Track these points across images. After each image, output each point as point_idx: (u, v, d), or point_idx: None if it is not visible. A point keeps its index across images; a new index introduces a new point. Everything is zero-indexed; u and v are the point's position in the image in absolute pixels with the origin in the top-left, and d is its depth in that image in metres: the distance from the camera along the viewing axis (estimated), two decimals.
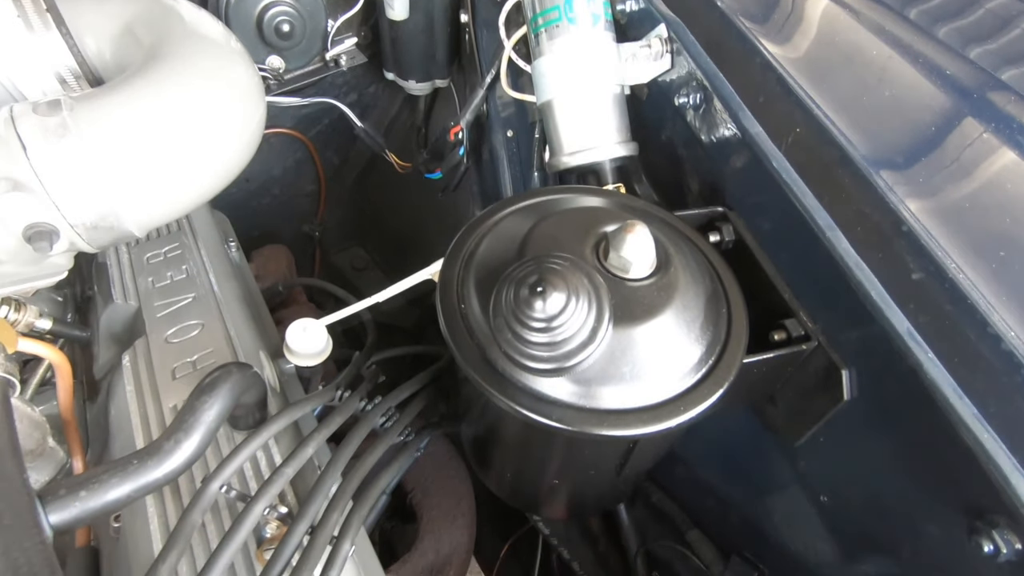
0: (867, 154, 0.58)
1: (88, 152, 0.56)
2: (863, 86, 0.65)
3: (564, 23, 0.72)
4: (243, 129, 0.69)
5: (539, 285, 0.41)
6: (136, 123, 0.59)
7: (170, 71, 0.63)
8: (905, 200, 0.54)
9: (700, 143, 0.68)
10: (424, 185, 1.31)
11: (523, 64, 0.89)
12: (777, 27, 0.69)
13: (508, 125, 1.03)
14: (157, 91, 0.61)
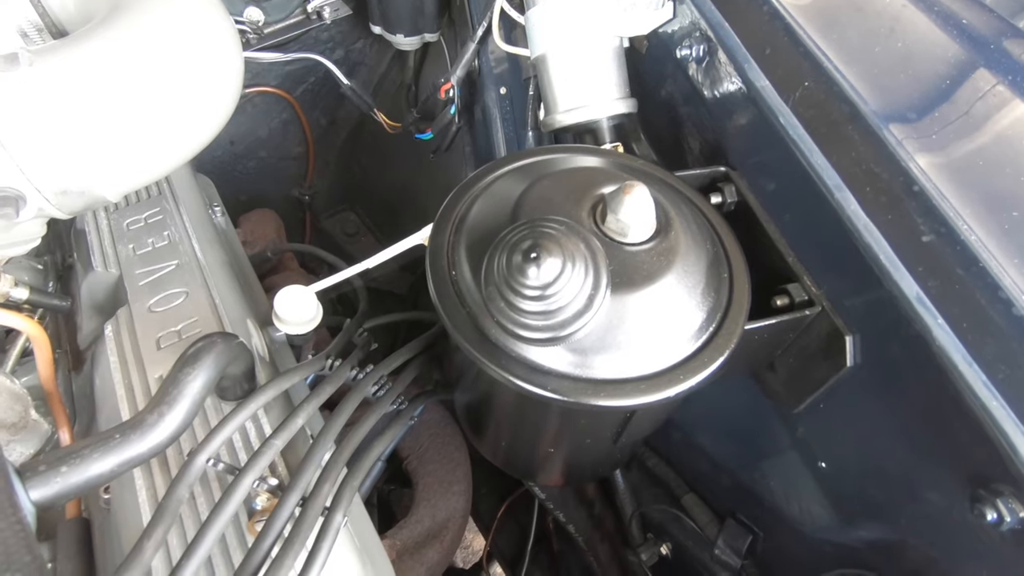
0: (878, 109, 0.55)
1: (51, 110, 0.52)
2: (875, 36, 0.61)
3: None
4: (219, 82, 0.65)
5: (533, 251, 0.38)
6: (102, 77, 0.55)
7: (136, 20, 0.58)
8: (917, 158, 0.52)
9: (703, 99, 0.65)
10: (415, 146, 1.27)
11: (516, 15, 0.84)
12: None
13: (501, 82, 0.98)
14: (123, 41, 0.57)
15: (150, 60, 0.58)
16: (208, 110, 0.63)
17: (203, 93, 0.62)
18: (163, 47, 0.58)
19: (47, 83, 0.52)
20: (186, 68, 0.60)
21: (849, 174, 0.53)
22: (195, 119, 0.62)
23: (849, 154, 0.54)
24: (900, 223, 0.50)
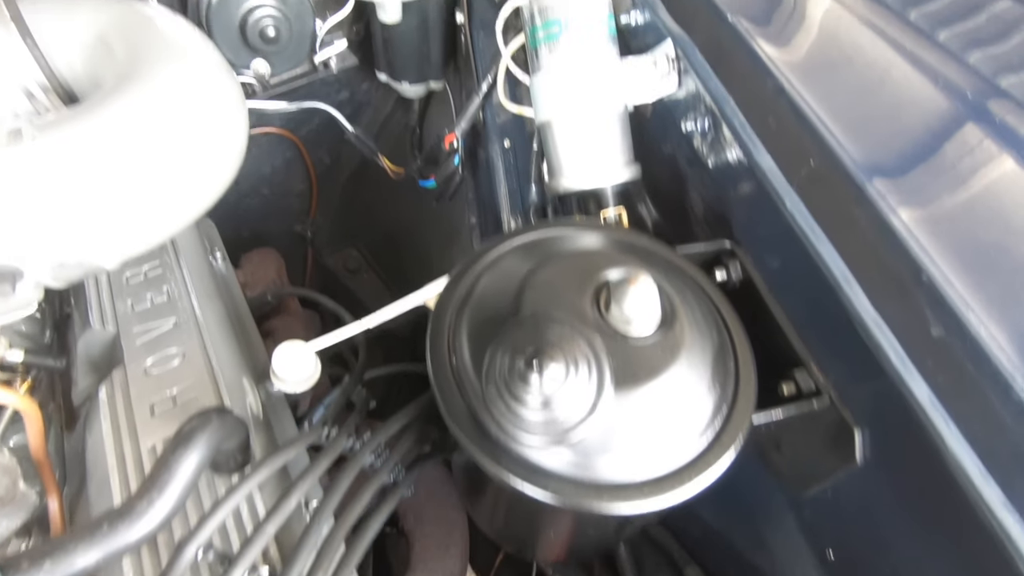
0: (887, 192, 0.54)
1: (54, 187, 0.52)
2: (886, 116, 0.61)
3: (565, 38, 0.68)
4: (224, 151, 0.65)
5: (535, 358, 0.37)
6: (106, 154, 0.55)
7: (142, 95, 0.58)
8: (927, 246, 0.51)
9: (707, 169, 0.65)
10: (418, 189, 1.27)
11: (521, 75, 0.84)
12: (792, 46, 0.65)
13: (505, 134, 0.98)
14: (128, 119, 0.57)
15: (157, 137, 0.58)
16: (212, 178, 0.63)
17: (208, 163, 0.62)
18: (170, 124, 0.58)
19: (50, 160, 0.52)
20: (192, 141, 0.60)
21: (856, 260, 0.52)
22: (198, 188, 0.62)
23: (856, 238, 0.53)
24: (908, 314, 0.49)
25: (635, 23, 0.72)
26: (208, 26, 0.85)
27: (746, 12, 0.66)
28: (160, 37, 0.66)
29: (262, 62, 0.91)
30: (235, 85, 0.70)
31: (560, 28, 0.68)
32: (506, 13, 0.88)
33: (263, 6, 0.86)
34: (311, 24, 0.92)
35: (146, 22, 0.67)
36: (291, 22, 0.89)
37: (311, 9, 0.90)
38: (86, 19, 0.68)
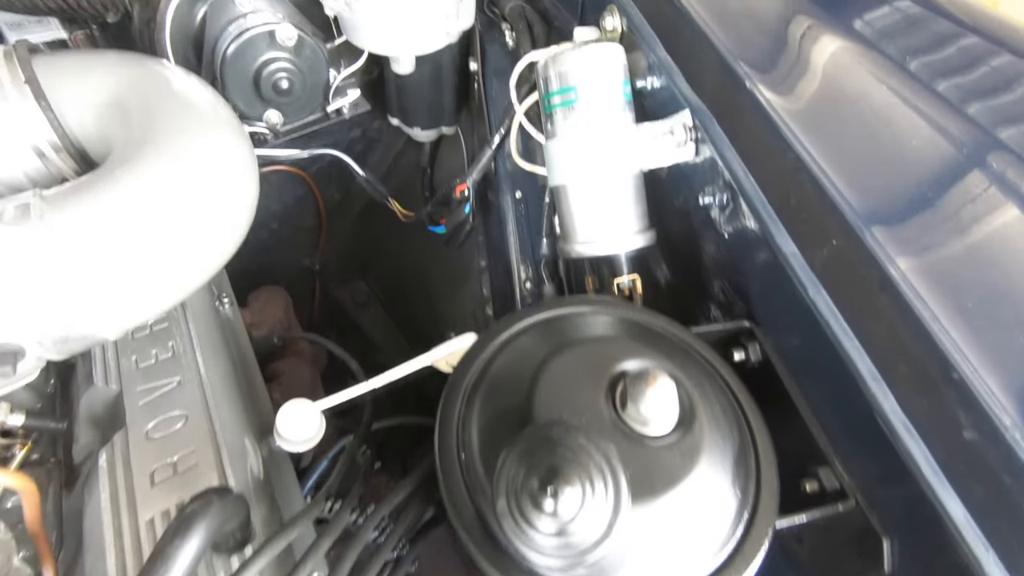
0: (913, 278, 0.53)
1: (61, 263, 0.51)
2: (915, 195, 0.59)
3: (581, 105, 0.67)
4: (231, 222, 0.64)
5: (551, 483, 0.36)
6: (114, 234, 0.54)
7: (153, 169, 0.58)
8: (958, 340, 0.49)
9: (724, 241, 0.63)
10: (428, 231, 1.26)
11: (535, 132, 0.83)
12: (815, 118, 0.63)
13: (516, 185, 0.98)
14: (137, 197, 0.56)
15: (167, 211, 0.57)
16: (219, 246, 0.63)
17: (216, 232, 0.62)
18: (181, 198, 0.58)
19: (57, 241, 0.51)
20: (202, 213, 0.59)
21: (881, 352, 0.50)
22: (205, 257, 0.61)
23: (881, 328, 0.51)
24: (938, 415, 0.47)
25: (651, 87, 0.71)
26: (222, 79, 0.85)
27: (766, 80, 0.65)
28: (172, 101, 0.65)
29: (275, 113, 0.91)
30: (247, 151, 0.70)
31: (576, 95, 0.67)
32: (520, 67, 0.87)
33: (277, 60, 0.86)
34: (325, 75, 0.92)
35: (160, 85, 0.67)
36: (305, 75, 0.89)
37: (325, 61, 0.90)
38: (101, 80, 0.68)
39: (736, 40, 0.68)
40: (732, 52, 0.66)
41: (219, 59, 0.84)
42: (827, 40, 0.72)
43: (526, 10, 1.02)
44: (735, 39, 0.69)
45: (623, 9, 0.77)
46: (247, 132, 0.75)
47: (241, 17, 0.84)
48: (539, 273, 0.97)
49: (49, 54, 0.71)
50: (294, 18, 0.88)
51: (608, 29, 0.80)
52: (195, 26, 0.87)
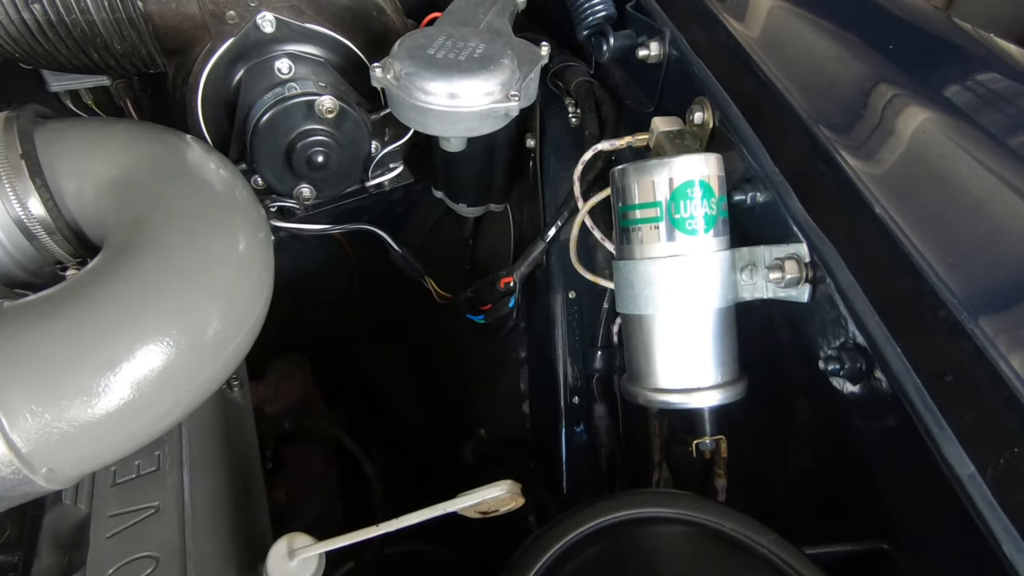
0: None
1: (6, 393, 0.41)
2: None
3: (666, 226, 0.54)
4: (234, 337, 0.53)
5: None
6: (73, 366, 0.43)
7: (136, 278, 0.47)
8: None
9: (851, 427, 0.48)
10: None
11: (601, 237, 0.71)
12: (981, 275, 0.49)
13: (571, 284, 0.85)
14: (109, 320, 0.45)
15: (150, 335, 0.47)
16: (215, 373, 0.52)
17: (214, 358, 0.51)
18: (170, 318, 0.47)
19: (9, 359, 0.41)
20: (198, 336, 0.48)
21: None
22: (192, 391, 0.50)
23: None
24: None
25: (751, 202, 0.58)
26: (252, 150, 0.76)
27: (914, 216, 0.51)
28: (182, 189, 0.56)
29: (307, 187, 0.81)
30: (263, 251, 0.59)
31: (661, 212, 0.54)
32: (587, 158, 0.76)
33: (314, 132, 0.76)
34: (366, 148, 0.83)
35: (172, 168, 0.58)
36: (344, 148, 0.79)
37: (368, 134, 0.81)
38: (108, 158, 0.59)
39: (867, 158, 0.55)
40: (863, 174, 0.53)
41: (251, 128, 0.76)
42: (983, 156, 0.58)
43: (594, 87, 0.91)
44: (864, 155, 0.55)
45: (717, 103, 0.65)
46: (267, 223, 0.66)
47: (280, 84, 0.76)
48: (589, 387, 0.83)
49: (57, 122, 0.63)
50: (338, 87, 0.79)
51: (696, 123, 0.68)
52: (230, 88, 0.79)
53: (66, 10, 0.66)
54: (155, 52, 0.73)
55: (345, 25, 0.81)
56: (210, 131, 0.81)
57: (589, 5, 0.82)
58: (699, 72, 0.70)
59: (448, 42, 0.74)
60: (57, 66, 0.73)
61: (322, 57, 0.81)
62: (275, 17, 0.75)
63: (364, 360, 1.61)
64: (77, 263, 0.64)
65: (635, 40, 0.83)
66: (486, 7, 0.89)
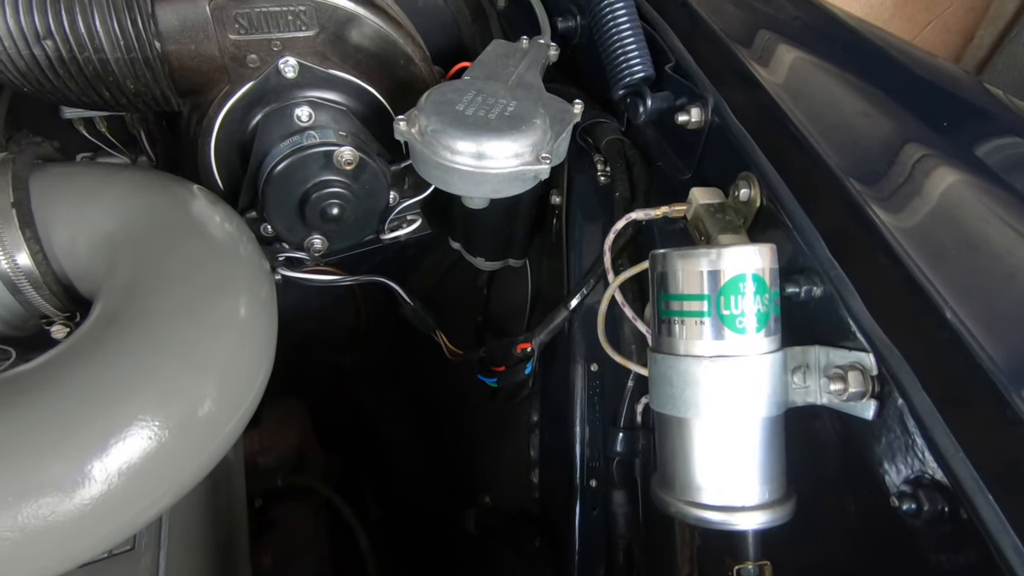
0: None
1: None
2: None
3: (712, 322, 0.49)
4: (225, 421, 0.48)
5: None
6: (58, 449, 0.38)
7: (127, 360, 0.42)
8: None
9: (929, 567, 0.42)
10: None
11: (632, 316, 0.66)
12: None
13: (594, 356, 0.79)
14: (102, 394, 0.40)
15: (152, 409, 0.41)
16: (217, 448, 0.46)
17: (216, 432, 0.45)
18: (174, 391, 0.42)
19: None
20: (200, 406, 0.43)
21: None
22: (199, 467, 0.44)
23: None
24: None
25: (805, 296, 0.53)
26: (264, 198, 0.72)
27: (993, 325, 0.45)
28: (182, 253, 0.51)
29: (319, 239, 0.77)
30: (266, 311, 0.54)
31: (708, 307, 0.49)
32: (619, 227, 0.71)
33: (331, 184, 0.72)
34: (384, 200, 0.78)
35: (171, 227, 0.53)
36: (360, 201, 0.75)
37: (386, 186, 0.77)
38: (107, 209, 0.55)
39: (933, 257, 0.49)
40: (929, 272, 0.47)
41: (264, 175, 0.71)
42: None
43: (625, 146, 0.87)
44: (930, 253, 0.50)
45: (765, 180, 0.60)
46: (271, 282, 0.61)
47: (298, 132, 0.72)
48: (608, 471, 0.76)
49: (58, 167, 0.59)
50: (358, 136, 0.75)
51: (741, 200, 0.63)
52: (246, 132, 0.75)
53: (79, 47, 0.63)
54: (170, 92, 0.69)
55: (371, 72, 0.77)
56: (222, 174, 0.77)
57: (626, 64, 0.78)
58: (745, 144, 0.65)
59: (478, 98, 0.70)
60: (66, 101, 0.69)
61: (344, 103, 0.77)
62: (298, 62, 0.71)
63: (366, 402, 1.55)
64: (64, 318, 0.59)
65: (673, 102, 0.79)
66: (517, 59, 0.85)
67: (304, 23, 0.70)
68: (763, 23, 0.96)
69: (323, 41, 0.72)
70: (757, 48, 0.84)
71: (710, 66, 0.78)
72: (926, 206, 0.57)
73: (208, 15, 0.66)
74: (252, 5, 0.67)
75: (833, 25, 1.00)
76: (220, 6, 0.66)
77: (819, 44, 0.93)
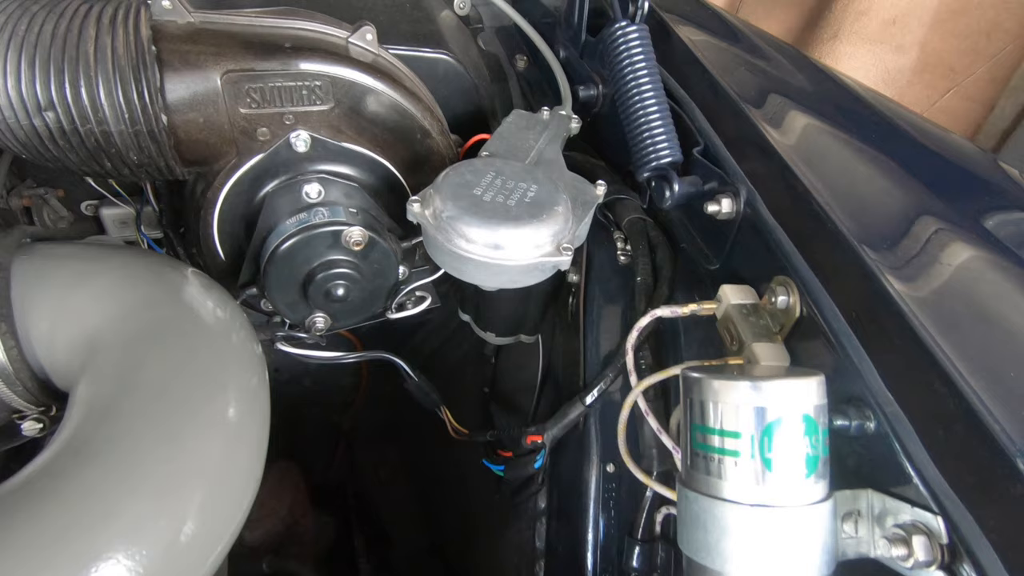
0: None
1: None
2: None
3: (754, 465, 0.43)
4: (210, 549, 0.42)
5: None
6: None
7: (100, 487, 0.37)
8: None
9: None
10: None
11: (657, 428, 0.60)
12: None
13: (610, 456, 0.73)
14: (73, 527, 0.35)
15: (126, 541, 0.36)
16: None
17: (200, 561, 0.39)
18: (151, 522, 0.36)
19: None
20: (180, 532, 0.37)
21: None
22: None
23: None
24: None
25: (856, 430, 0.47)
26: (266, 275, 0.68)
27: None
28: (168, 360, 0.46)
29: (321, 317, 0.72)
30: (257, 409, 0.50)
31: (748, 447, 0.43)
32: (643, 324, 0.66)
33: (337, 264, 0.68)
34: (393, 279, 0.74)
35: (157, 327, 0.48)
36: (368, 280, 0.71)
37: (396, 264, 0.72)
38: (93, 298, 0.51)
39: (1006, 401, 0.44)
40: (1002, 419, 0.42)
41: (268, 252, 0.67)
42: None
43: (648, 227, 0.83)
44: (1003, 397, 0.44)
45: (806, 288, 0.56)
46: (264, 371, 0.56)
47: (306, 209, 0.68)
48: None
49: (48, 247, 0.55)
50: (368, 213, 0.71)
51: (779, 307, 0.58)
52: (252, 204, 0.72)
53: (81, 119, 0.59)
54: (174, 163, 0.66)
55: (385, 146, 0.74)
56: (224, 245, 0.73)
57: (653, 147, 0.75)
58: (782, 244, 0.61)
59: (497, 180, 0.66)
60: (64, 169, 0.66)
61: (355, 177, 0.73)
62: (310, 136, 0.68)
63: (363, 463, 1.48)
64: (38, 412, 0.54)
65: (701, 187, 0.75)
66: (537, 131, 0.82)
67: (319, 97, 0.67)
68: (789, 97, 0.93)
69: (338, 115, 0.69)
70: (786, 129, 0.80)
71: (738, 148, 0.75)
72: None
73: (219, 88, 0.63)
74: (266, 80, 0.64)
75: (862, 106, 0.97)
76: (232, 80, 0.63)
77: (853, 126, 0.89)
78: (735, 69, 0.95)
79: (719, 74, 0.87)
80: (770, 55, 1.17)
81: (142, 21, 0.60)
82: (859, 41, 2.20)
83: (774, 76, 1.03)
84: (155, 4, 0.62)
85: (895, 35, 2.14)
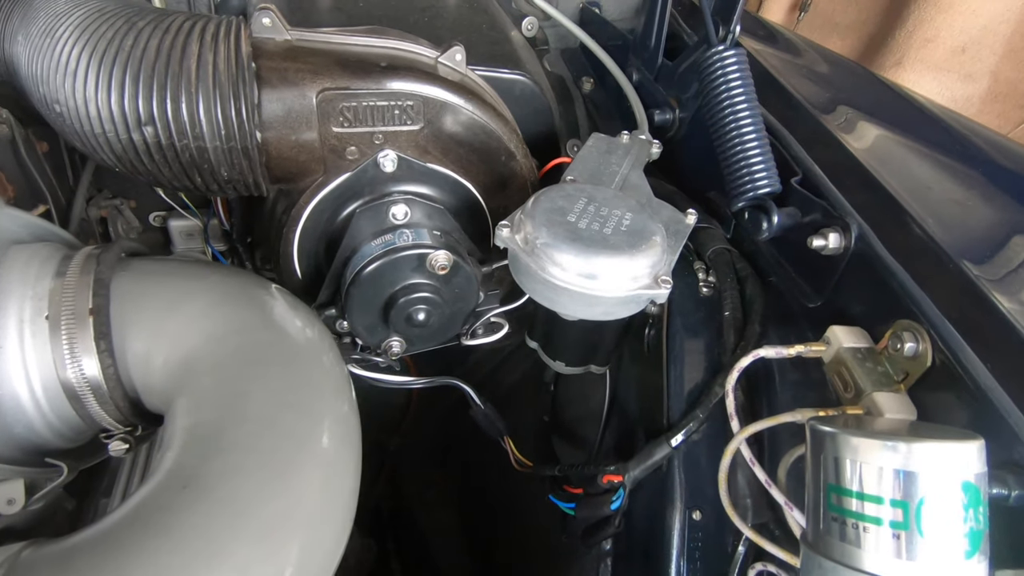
0: None
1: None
2: None
3: (905, 537, 0.39)
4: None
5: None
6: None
7: (201, 533, 0.35)
8: None
9: None
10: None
11: (766, 480, 0.56)
12: None
13: (697, 502, 0.69)
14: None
15: None
16: None
17: None
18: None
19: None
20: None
21: None
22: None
23: None
24: None
25: (1016, 501, 0.42)
26: (347, 297, 0.66)
27: None
28: (265, 379, 0.45)
29: (398, 341, 0.70)
30: (351, 430, 0.48)
31: (898, 517, 0.39)
32: (744, 364, 0.62)
33: (422, 287, 0.66)
34: (472, 304, 0.72)
35: (253, 350, 0.47)
36: (448, 305, 0.69)
37: (476, 289, 0.70)
38: (190, 320, 0.49)
39: None
40: None
41: (351, 274, 0.66)
42: None
43: (734, 257, 0.79)
44: None
45: (940, 336, 0.51)
46: (351, 391, 0.54)
47: (391, 231, 0.66)
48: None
49: (144, 263, 0.55)
50: (451, 235, 0.69)
51: (905, 355, 0.53)
52: (335, 224, 0.70)
53: (179, 135, 0.59)
54: (262, 180, 0.65)
55: (469, 167, 0.72)
56: (303, 264, 0.72)
57: (750, 176, 0.71)
58: (905, 285, 0.56)
59: (590, 207, 0.63)
60: (154, 182, 0.66)
61: (438, 198, 0.72)
62: (398, 156, 0.67)
63: (408, 485, 1.45)
64: (125, 432, 0.53)
65: (799, 219, 0.71)
66: (619, 156, 0.79)
67: (410, 117, 0.65)
68: (876, 120, 0.89)
69: (426, 135, 0.67)
70: (884, 158, 0.76)
71: (838, 179, 0.71)
72: None
73: (314, 106, 0.62)
74: (360, 99, 0.63)
75: (956, 133, 0.92)
76: (328, 98, 0.62)
77: (952, 156, 0.85)
78: (819, 94, 0.92)
79: (805, 100, 0.83)
80: (848, 80, 1.13)
81: (243, 38, 0.60)
82: (924, 69, 2.13)
83: (860, 102, 0.98)
84: (255, 21, 0.62)
85: (964, 63, 2.06)
